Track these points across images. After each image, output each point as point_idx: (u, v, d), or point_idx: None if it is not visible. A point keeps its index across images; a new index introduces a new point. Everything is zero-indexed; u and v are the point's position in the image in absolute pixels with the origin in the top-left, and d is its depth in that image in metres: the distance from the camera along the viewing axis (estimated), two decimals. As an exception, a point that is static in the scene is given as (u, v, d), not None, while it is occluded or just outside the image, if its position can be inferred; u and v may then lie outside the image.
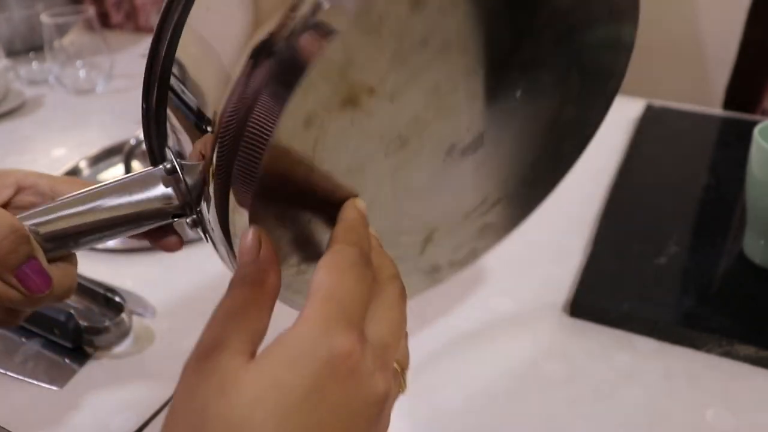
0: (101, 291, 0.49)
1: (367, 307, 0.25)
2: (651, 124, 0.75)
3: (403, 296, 0.27)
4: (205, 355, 0.23)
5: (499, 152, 0.36)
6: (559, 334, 0.47)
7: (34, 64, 1.04)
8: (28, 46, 1.06)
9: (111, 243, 0.57)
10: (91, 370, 0.45)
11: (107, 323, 0.46)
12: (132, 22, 1.23)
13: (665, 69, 0.91)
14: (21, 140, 0.83)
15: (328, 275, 0.24)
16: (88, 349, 0.46)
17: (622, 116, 0.79)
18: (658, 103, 0.82)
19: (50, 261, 0.30)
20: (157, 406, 0.42)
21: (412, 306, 0.25)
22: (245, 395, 0.21)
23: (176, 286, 0.53)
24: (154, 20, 1.16)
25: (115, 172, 0.69)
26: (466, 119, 0.31)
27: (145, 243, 0.34)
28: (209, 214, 0.28)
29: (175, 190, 0.29)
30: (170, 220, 0.30)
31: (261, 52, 0.23)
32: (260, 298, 0.25)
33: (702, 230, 0.56)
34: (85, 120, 0.82)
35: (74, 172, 0.70)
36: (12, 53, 1.04)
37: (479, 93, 0.31)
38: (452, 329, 0.47)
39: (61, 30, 0.91)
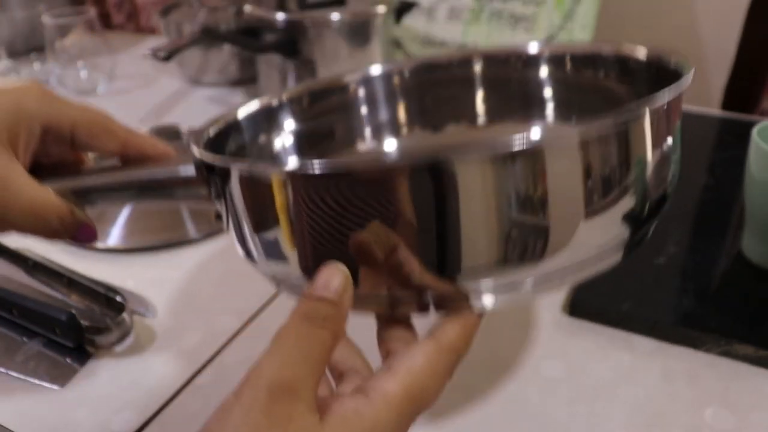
0: (102, 291, 0.49)
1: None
2: (650, 124, 0.75)
3: None
4: (278, 397, 0.23)
5: None
6: (558, 334, 0.47)
7: (36, 65, 1.04)
8: (30, 46, 1.06)
9: (112, 243, 0.58)
10: (92, 369, 0.45)
11: (108, 323, 0.46)
12: (133, 23, 1.23)
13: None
14: (22, 141, 0.83)
15: (425, 376, 0.26)
16: (90, 349, 0.46)
17: (622, 117, 0.79)
18: (658, 103, 0.82)
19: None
20: (158, 406, 0.42)
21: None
22: None
23: (177, 285, 0.53)
24: (155, 21, 1.16)
25: (116, 173, 0.69)
26: None
27: (147, 243, 0.34)
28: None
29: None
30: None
31: None
32: (332, 348, 0.25)
33: (701, 230, 0.56)
34: (86, 121, 0.83)
35: (75, 172, 0.70)
36: (13, 54, 1.05)
37: None
38: (452, 329, 0.47)
39: (63, 31, 0.91)
